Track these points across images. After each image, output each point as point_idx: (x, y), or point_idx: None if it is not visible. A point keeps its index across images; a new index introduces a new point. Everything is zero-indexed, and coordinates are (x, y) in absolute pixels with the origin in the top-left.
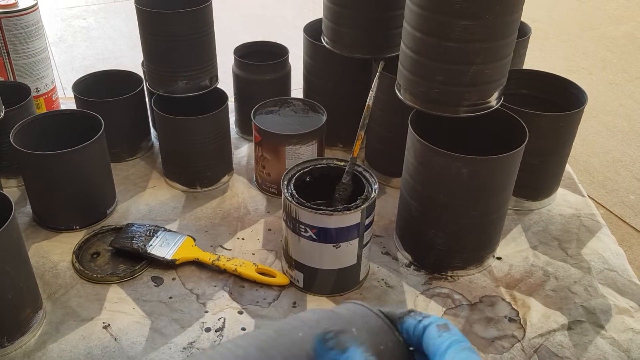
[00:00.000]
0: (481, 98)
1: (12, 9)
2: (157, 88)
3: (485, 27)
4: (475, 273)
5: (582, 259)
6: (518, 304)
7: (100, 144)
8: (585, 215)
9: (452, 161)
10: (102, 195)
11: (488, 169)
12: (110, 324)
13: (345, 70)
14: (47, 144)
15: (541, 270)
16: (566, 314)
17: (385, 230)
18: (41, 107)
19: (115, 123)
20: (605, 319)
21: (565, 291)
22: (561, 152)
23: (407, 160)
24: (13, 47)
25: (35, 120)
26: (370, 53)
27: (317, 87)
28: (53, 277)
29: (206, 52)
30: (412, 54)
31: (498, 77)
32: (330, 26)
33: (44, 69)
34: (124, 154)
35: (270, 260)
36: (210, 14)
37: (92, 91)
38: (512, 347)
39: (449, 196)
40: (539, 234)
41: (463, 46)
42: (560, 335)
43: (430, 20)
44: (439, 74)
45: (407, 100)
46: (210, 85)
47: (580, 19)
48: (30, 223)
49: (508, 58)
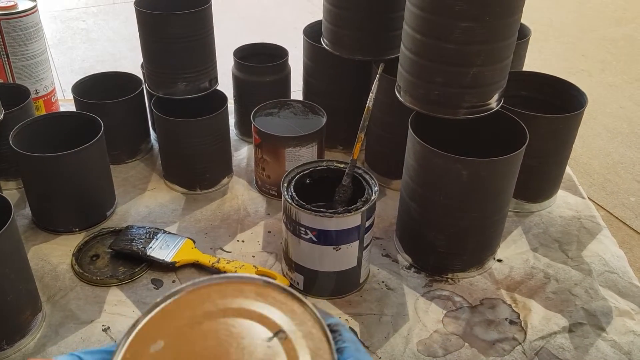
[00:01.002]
0: (481, 100)
1: (12, 11)
2: (156, 90)
3: (485, 28)
4: (476, 275)
5: (582, 261)
6: (519, 307)
7: (99, 146)
8: (586, 218)
9: (452, 163)
10: (101, 197)
11: (488, 171)
12: (110, 326)
13: (345, 72)
14: (47, 146)
15: (542, 272)
16: (567, 317)
17: (385, 232)
18: (40, 109)
19: (114, 125)
20: (606, 322)
21: (566, 293)
22: (561, 154)
23: (407, 162)
24: (12, 49)
25: (34, 122)
26: (370, 55)
27: (317, 89)
28: (52, 279)
29: (206, 54)
30: (412, 56)
31: (498, 79)
32: (330, 28)
33: (44, 71)
34: (124, 156)
35: (270, 262)
36: (209, 15)
37: (92, 93)
38: (513, 349)
39: (449, 198)
40: (540, 236)
41: (463, 48)
42: (561, 337)
43: (430, 22)
44: (439, 76)
45: (407, 102)
46: (209, 87)
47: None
48: (30, 225)
49: (508, 60)
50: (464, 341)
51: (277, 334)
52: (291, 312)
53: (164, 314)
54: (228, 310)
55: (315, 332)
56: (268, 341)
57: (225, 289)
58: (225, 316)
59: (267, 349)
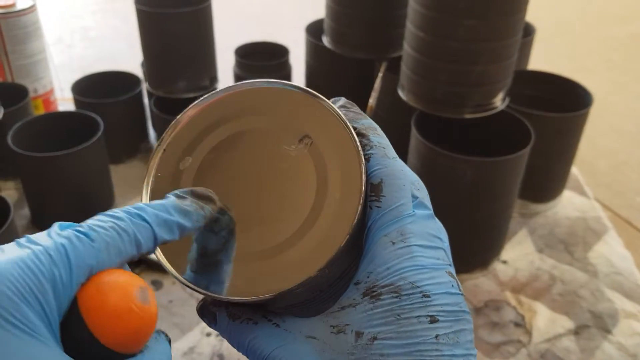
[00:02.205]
0: (486, 99)
1: (11, 10)
2: (156, 88)
3: (490, 27)
4: (480, 277)
5: (588, 263)
6: (524, 309)
7: (98, 145)
8: (592, 218)
9: (456, 163)
10: (100, 196)
11: (493, 171)
12: None
13: (347, 71)
14: (46, 145)
15: (547, 274)
16: (573, 319)
17: None
18: (39, 108)
19: (114, 124)
20: (612, 324)
21: (572, 295)
22: (567, 154)
23: (411, 162)
24: (11, 48)
25: (33, 122)
26: (373, 53)
27: (319, 88)
28: None
29: (206, 53)
30: (415, 54)
31: (502, 78)
32: (332, 26)
33: (42, 69)
34: (123, 156)
35: None
36: (209, 14)
37: (91, 92)
38: (518, 352)
39: (453, 198)
40: (545, 237)
41: (467, 46)
42: (566, 340)
43: (434, 20)
44: (443, 75)
45: (411, 101)
46: (209, 85)
47: (585, 19)
48: (29, 225)
49: (512, 58)
50: None
51: (302, 139)
52: (315, 116)
53: (189, 126)
54: (251, 120)
55: (342, 137)
56: (295, 147)
57: (250, 94)
58: (249, 125)
59: (293, 157)
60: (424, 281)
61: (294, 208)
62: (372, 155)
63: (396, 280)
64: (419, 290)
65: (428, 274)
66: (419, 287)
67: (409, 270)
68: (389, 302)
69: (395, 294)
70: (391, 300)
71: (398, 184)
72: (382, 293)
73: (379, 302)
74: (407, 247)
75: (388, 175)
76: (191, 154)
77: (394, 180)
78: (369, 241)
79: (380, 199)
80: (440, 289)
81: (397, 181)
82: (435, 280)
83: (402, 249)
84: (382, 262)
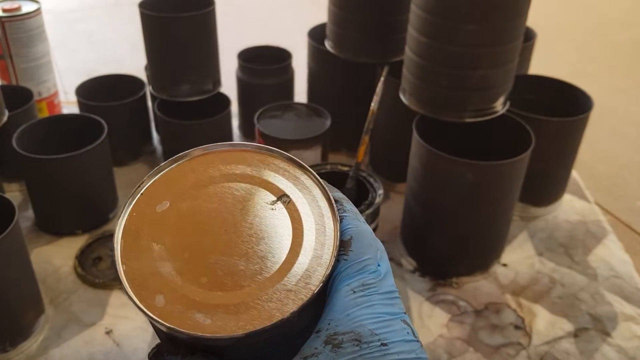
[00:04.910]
0: (486, 103)
1: (16, 13)
2: (160, 92)
3: (491, 31)
4: (481, 279)
5: (588, 266)
6: (524, 311)
7: (102, 148)
8: (592, 222)
9: (457, 166)
10: (104, 199)
11: (493, 174)
12: (112, 329)
13: (350, 75)
14: (50, 148)
15: (547, 277)
16: (572, 321)
17: (389, 235)
18: (43, 111)
19: (117, 127)
20: (611, 327)
21: (572, 298)
22: (567, 158)
23: (412, 166)
24: (16, 51)
25: (38, 124)
26: (375, 57)
27: (321, 92)
28: (55, 282)
29: (209, 56)
30: (416, 59)
31: (503, 82)
32: (334, 30)
33: (47, 72)
34: (127, 158)
35: None
36: (213, 18)
37: (95, 95)
38: (517, 354)
39: (453, 202)
40: (545, 241)
41: (468, 51)
42: (566, 342)
43: (435, 24)
44: (444, 79)
45: (412, 105)
46: (213, 89)
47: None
48: (33, 227)
49: (513, 63)
50: (468, 346)
51: (280, 197)
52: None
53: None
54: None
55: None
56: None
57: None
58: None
59: (271, 211)
60: (382, 329)
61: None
62: (345, 217)
63: (355, 327)
64: (377, 339)
65: (385, 322)
66: (377, 334)
67: (368, 318)
68: (350, 352)
69: (356, 342)
70: (352, 349)
71: (366, 242)
72: (343, 341)
73: (340, 350)
74: (366, 296)
75: (357, 234)
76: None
77: (362, 239)
78: (332, 290)
79: (348, 252)
80: (397, 337)
81: (365, 240)
82: (391, 328)
83: (361, 298)
84: (342, 309)
